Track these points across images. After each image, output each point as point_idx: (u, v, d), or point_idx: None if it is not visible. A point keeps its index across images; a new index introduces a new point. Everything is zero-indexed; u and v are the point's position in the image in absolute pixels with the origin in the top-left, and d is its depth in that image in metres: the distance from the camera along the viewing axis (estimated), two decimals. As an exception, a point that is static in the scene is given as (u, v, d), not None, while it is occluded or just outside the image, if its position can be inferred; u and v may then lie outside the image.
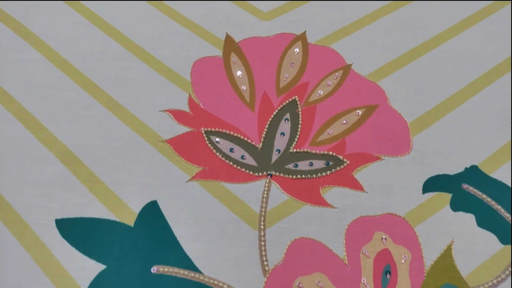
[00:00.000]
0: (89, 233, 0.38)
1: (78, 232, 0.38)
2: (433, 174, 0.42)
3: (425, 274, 0.37)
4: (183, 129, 0.44)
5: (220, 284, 0.36)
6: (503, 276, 0.37)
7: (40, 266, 0.37)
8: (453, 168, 0.43)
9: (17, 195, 0.40)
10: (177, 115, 0.45)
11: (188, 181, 0.41)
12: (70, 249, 0.37)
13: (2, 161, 0.42)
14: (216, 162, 0.43)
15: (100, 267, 0.37)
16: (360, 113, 0.46)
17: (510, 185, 0.42)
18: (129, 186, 0.41)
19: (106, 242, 0.38)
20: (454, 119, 0.46)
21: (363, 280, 0.37)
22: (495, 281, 0.37)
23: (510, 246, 0.39)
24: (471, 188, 0.42)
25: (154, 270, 0.37)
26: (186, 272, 0.37)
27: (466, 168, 0.43)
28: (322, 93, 0.47)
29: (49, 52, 0.49)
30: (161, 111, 0.45)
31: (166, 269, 0.37)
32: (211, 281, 0.36)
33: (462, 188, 0.42)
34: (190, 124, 0.45)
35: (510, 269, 0.38)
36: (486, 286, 0.37)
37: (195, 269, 0.37)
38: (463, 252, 0.38)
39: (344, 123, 0.45)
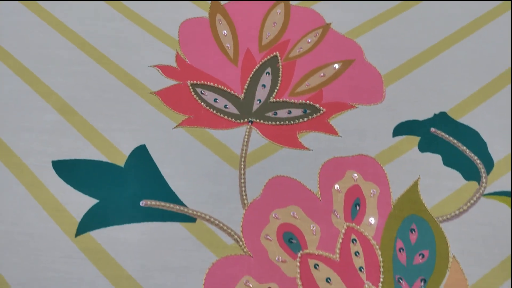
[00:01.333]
0: (83, 173, 0.42)
1: (73, 172, 0.42)
2: (404, 120, 0.45)
3: (392, 206, 0.40)
4: (170, 82, 0.47)
5: (203, 215, 0.40)
6: (465, 207, 0.40)
7: (39, 201, 0.40)
8: (423, 114, 0.46)
9: (17, 140, 0.43)
10: (165, 70, 0.48)
11: (174, 127, 0.45)
12: (65, 187, 0.41)
13: (3, 111, 0.45)
14: (201, 111, 0.46)
15: (93, 201, 0.40)
16: (337, 67, 0.49)
17: (476, 129, 0.45)
18: (119, 132, 0.44)
19: (98, 180, 0.41)
20: (425, 71, 0.49)
21: (334, 212, 0.40)
22: (457, 212, 0.40)
23: (473, 182, 0.42)
24: (439, 131, 0.44)
25: (142, 203, 0.40)
26: (171, 205, 0.40)
27: (435, 114, 0.46)
28: (302, 49, 0.50)
29: (46, 15, 0.52)
30: (150, 66, 0.49)
31: (153, 203, 0.40)
32: (194, 212, 0.40)
33: (430, 132, 0.44)
34: (177, 77, 0.48)
35: (472, 201, 0.40)
36: (449, 216, 0.40)
37: (180, 203, 0.40)
38: (429, 187, 0.41)
39: (321, 76, 0.48)
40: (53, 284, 0.36)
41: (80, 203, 0.40)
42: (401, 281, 0.37)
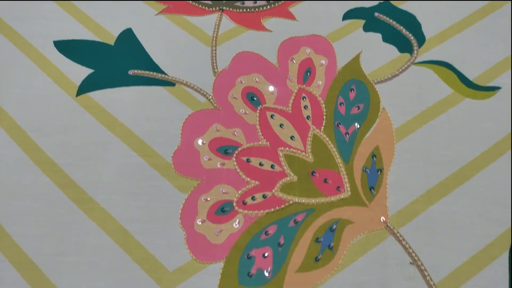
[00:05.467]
0: (79, 49, 0.50)
1: (71, 48, 0.50)
2: (353, 7, 0.53)
3: (337, 73, 0.49)
4: (152, -21, 0.55)
5: (181, 81, 0.48)
6: (396, 72, 0.49)
7: (44, 71, 0.48)
8: (370, 3, 0.53)
9: (22, 25, 0.51)
10: (147, -31, 0.55)
11: (156, 14, 0.52)
12: (66, 60, 0.49)
13: (7, 3, 0.53)
14: (179, 1, 0.53)
15: (89, 71, 0.48)
16: (298, -35, 0.56)
17: (414, 14, 0.52)
18: (109, 18, 0.52)
19: (93, 55, 0.49)
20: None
21: (289, 77, 0.48)
22: (390, 76, 0.49)
23: (406, 53, 0.50)
24: (381, 15, 0.52)
25: (131, 72, 0.48)
26: (155, 74, 0.48)
27: (380, 2, 0.53)
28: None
29: None
30: (134, -34, 0.55)
31: (140, 72, 0.48)
32: (174, 78, 0.48)
33: (374, 16, 0.52)
34: (158, -25, 0.55)
35: (403, 68, 0.49)
36: (383, 79, 0.48)
37: (162, 72, 0.49)
38: (369, 58, 0.50)
39: (284, -27, 0.55)
40: (59, 128, 0.45)
41: (79, 72, 0.48)
42: (339, 125, 0.46)
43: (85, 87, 0.47)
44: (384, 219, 0.41)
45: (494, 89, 0.48)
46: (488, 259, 0.40)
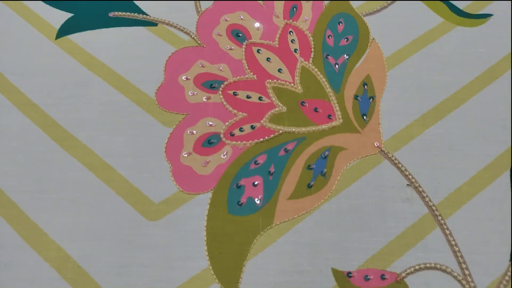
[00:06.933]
0: (58, -4, 0.48)
1: (50, -5, 0.48)
2: None
3: (324, 8, 0.47)
4: None
5: (163, 20, 0.46)
6: (385, 5, 0.47)
7: (23, 17, 0.47)
8: None
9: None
10: None
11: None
12: (44, 5, 0.47)
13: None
14: None
15: (69, 15, 0.47)
16: None
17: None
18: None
19: (72, 0, 0.48)
20: None
21: (275, 13, 0.47)
22: (378, 8, 0.47)
23: (394, -13, 0.49)
24: (367, -48, 0.51)
25: (111, 14, 0.47)
26: (136, 14, 0.47)
27: None
28: None
29: None
30: None
31: (121, 14, 0.47)
32: (156, 18, 0.47)
33: (360, -47, 0.51)
34: None
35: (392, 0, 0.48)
36: (371, 11, 0.47)
37: (144, 13, 0.47)
38: (356, -7, 0.48)
39: None
40: (39, 70, 0.43)
41: (58, 17, 0.47)
42: (328, 57, 0.44)
43: (65, 30, 0.46)
44: (378, 144, 0.40)
45: (486, 16, 0.46)
46: (489, 178, 0.38)
